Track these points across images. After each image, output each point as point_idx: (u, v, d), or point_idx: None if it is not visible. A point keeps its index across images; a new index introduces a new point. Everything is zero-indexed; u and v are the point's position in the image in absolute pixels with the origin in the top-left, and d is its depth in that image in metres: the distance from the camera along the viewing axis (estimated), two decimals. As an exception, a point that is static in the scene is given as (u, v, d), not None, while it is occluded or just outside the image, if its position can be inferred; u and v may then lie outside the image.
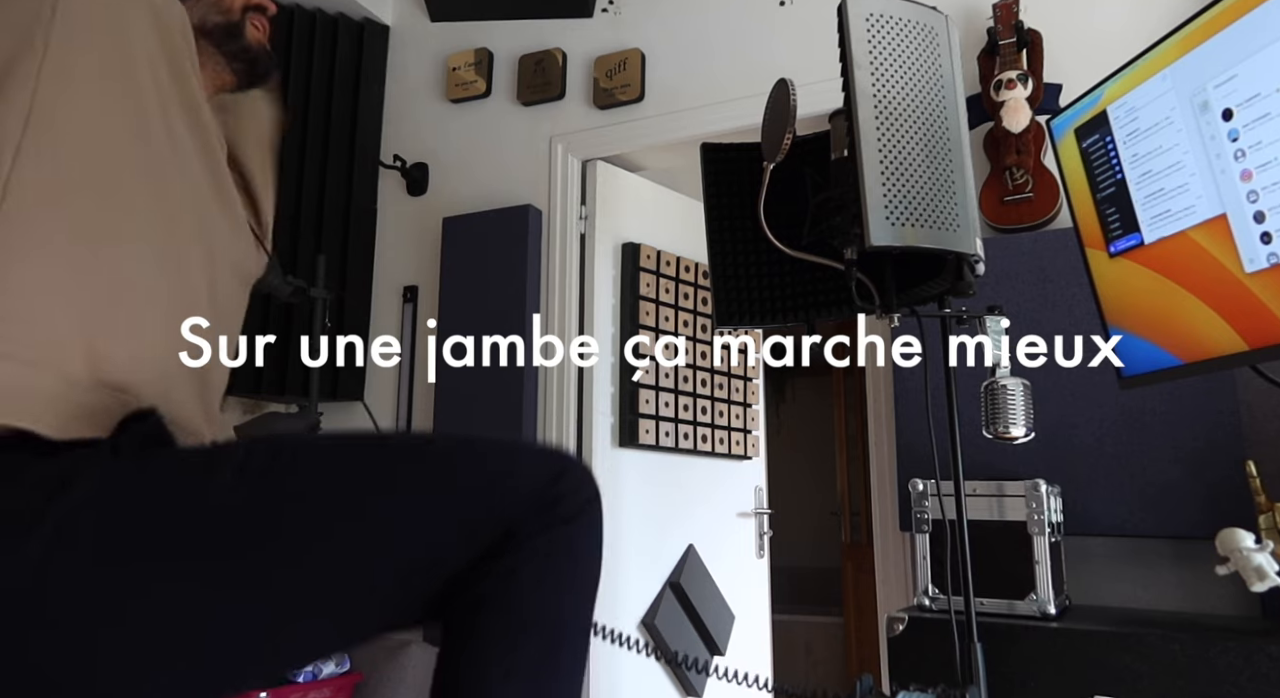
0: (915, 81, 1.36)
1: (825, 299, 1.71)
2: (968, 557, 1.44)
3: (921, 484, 1.77)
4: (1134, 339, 1.44)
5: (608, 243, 2.79)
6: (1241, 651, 1.38)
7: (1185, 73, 1.24)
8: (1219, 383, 1.79)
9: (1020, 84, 2.11)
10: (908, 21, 1.37)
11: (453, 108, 3.04)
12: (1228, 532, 1.33)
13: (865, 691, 1.40)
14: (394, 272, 3.00)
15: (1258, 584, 1.29)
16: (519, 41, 2.97)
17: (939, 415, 1.56)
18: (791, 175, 1.67)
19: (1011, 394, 1.46)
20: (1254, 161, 1.15)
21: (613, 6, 2.84)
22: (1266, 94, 1.12)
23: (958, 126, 1.39)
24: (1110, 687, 1.46)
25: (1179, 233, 1.29)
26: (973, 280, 1.42)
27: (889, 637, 1.64)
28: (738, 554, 3.03)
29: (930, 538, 1.72)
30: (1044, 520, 1.62)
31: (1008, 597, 1.63)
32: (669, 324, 2.88)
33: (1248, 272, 1.18)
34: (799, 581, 5.40)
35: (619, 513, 2.64)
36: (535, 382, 2.65)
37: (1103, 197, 1.45)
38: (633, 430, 2.69)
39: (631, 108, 2.74)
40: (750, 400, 3.16)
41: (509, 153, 2.91)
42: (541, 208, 2.78)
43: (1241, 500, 1.66)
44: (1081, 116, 1.47)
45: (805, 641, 4.87)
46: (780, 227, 1.62)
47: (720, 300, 1.74)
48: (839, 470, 5.15)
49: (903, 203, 1.30)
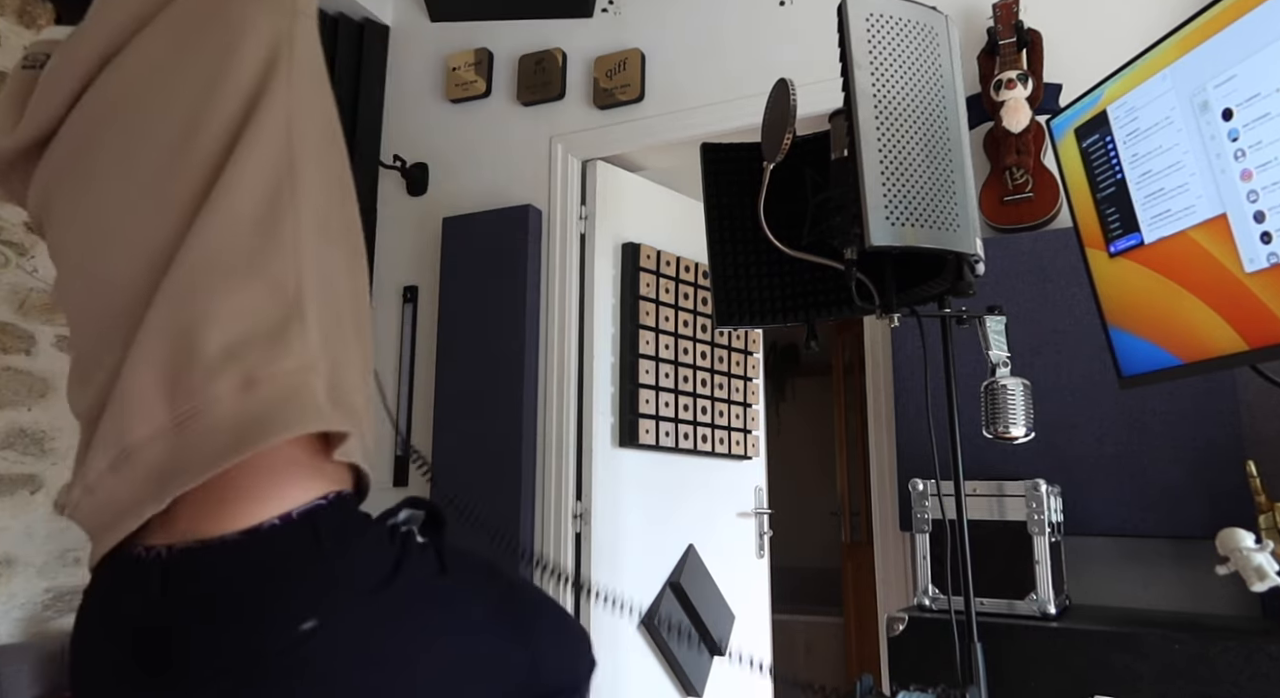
0: (915, 81, 1.36)
1: (825, 299, 1.71)
2: (968, 557, 1.44)
3: (921, 484, 1.77)
4: (1134, 339, 1.44)
5: (608, 243, 2.79)
6: (1241, 651, 1.38)
7: (1185, 73, 1.24)
8: (1219, 383, 1.79)
9: (1020, 84, 2.10)
10: (908, 21, 1.37)
11: (453, 108, 3.04)
12: (1228, 532, 1.33)
13: (865, 691, 1.40)
14: (394, 272, 3.00)
15: (1258, 584, 1.29)
16: (519, 41, 2.97)
17: (939, 415, 1.56)
18: (791, 175, 1.67)
19: (1011, 394, 1.46)
20: (1254, 161, 1.15)
21: (613, 6, 2.84)
22: (1266, 94, 1.12)
23: (958, 126, 1.39)
24: (1110, 687, 1.46)
25: (1179, 233, 1.29)
26: (973, 280, 1.42)
27: (889, 637, 1.64)
28: (738, 554, 3.03)
29: (930, 538, 1.72)
30: (1044, 521, 1.62)
31: (1008, 597, 1.63)
32: (669, 324, 2.88)
33: (1248, 271, 1.18)
34: (799, 581, 5.40)
35: (619, 513, 2.64)
36: (535, 382, 2.65)
37: (1103, 196, 1.45)
38: (633, 430, 2.69)
39: (631, 108, 2.74)
40: (750, 400, 3.16)
41: (509, 153, 2.91)
42: (541, 208, 2.78)
43: (1241, 500, 1.66)
44: (1081, 116, 1.47)
45: (805, 640, 4.87)
46: (780, 227, 1.62)
47: (720, 300, 1.74)
48: (839, 470, 5.14)
49: (903, 203, 1.30)
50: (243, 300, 0.86)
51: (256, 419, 0.82)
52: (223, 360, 0.83)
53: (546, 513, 2.58)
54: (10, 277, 2.43)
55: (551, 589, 2.46)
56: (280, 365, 0.85)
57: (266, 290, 0.87)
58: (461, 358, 2.70)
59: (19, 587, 2.34)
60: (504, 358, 2.64)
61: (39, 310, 2.48)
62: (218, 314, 0.85)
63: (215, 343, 0.84)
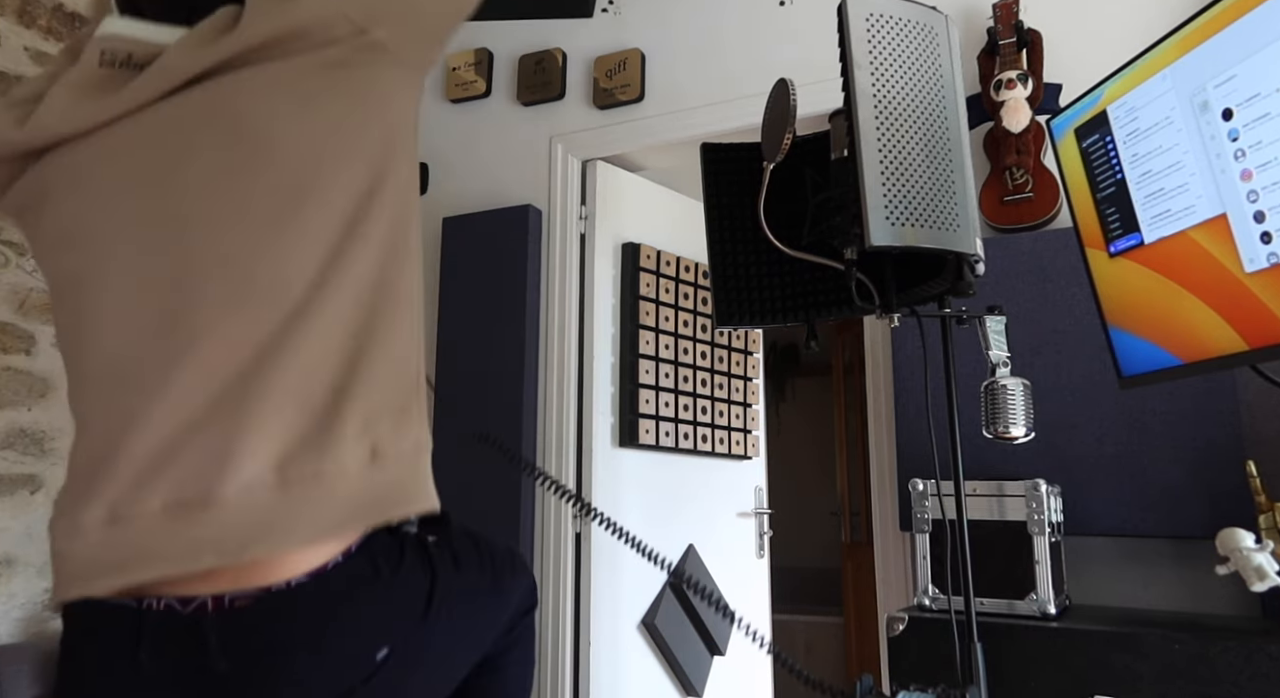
0: (915, 81, 1.36)
1: (825, 299, 1.71)
2: (968, 557, 1.44)
3: (921, 484, 1.77)
4: (1134, 339, 1.44)
5: (608, 243, 2.79)
6: (1241, 651, 1.38)
7: (1185, 73, 1.24)
8: (1219, 383, 1.79)
9: (1020, 84, 2.10)
10: (908, 21, 1.37)
11: (453, 108, 3.04)
12: (1228, 532, 1.33)
13: (865, 691, 1.39)
14: (394, 272, 2.99)
15: (1258, 584, 1.29)
16: (519, 41, 2.97)
17: (939, 415, 1.56)
18: (791, 175, 1.67)
19: (1011, 394, 1.46)
20: (1254, 161, 1.15)
21: (613, 6, 2.84)
22: (1266, 94, 1.12)
23: (958, 126, 1.39)
24: (1110, 687, 1.46)
25: (1179, 233, 1.29)
26: (973, 280, 1.42)
27: (889, 637, 1.64)
28: (738, 554, 3.03)
29: (930, 538, 1.72)
30: (1044, 520, 1.62)
31: (1008, 597, 1.63)
32: (669, 324, 2.88)
33: (1248, 271, 1.18)
34: (799, 581, 5.40)
35: (619, 513, 2.64)
36: (535, 381, 2.65)
37: (1103, 196, 1.45)
38: (633, 430, 2.69)
39: (631, 108, 2.74)
40: (750, 400, 3.16)
41: (509, 153, 2.91)
42: (541, 208, 2.78)
43: (1241, 500, 1.66)
44: (1081, 116, 1.47)
45: (805, 640, 4.87)
46: (780, 227, 1.62)
47: (720, 300, 1.74)
48: (839, 470, 5.14)
49: (903, 203, 1.30)
50: (378, 374, 0.86)
51: (377, 498, 0.84)
52: (358, 433, 0.84)
53: (547, 513, 2.58)
54: (10, 277, 2.43)
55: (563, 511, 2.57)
56: (403, 444, 0.87)
57: (395, 367, 0.89)
58: (461, 358, 2.70)
59: (19, 587, 2.34)
60: (504, 358, 2.64)
61: (39, 310, 2.48)
62: (357, 384, 0.85)
63: (357, 414, 0.84)
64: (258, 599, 0.80)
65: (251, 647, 0.81)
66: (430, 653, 0.91)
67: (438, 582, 0.92)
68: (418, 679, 0.91)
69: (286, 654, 0.81)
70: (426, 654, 0.91)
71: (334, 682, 0.83)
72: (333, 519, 0.81)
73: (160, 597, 0.81)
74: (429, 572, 0.92)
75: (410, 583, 0.90)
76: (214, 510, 0.79)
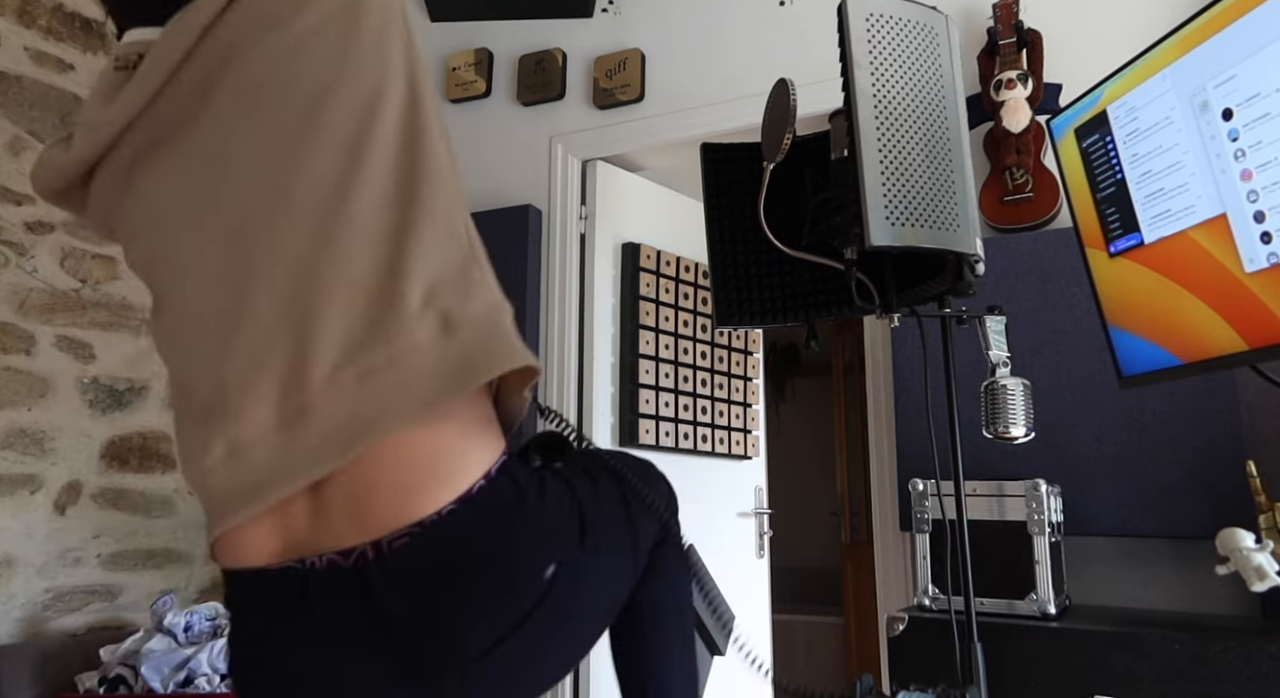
0: (915, 81, 1.36)
1: (825, 299, 1.71)
2: (968, 557, 1.44)
3: (921, 484, 1.77)
4: (1134, 339, 1.44)
5: (608, 243, 2.79)
6: (1241, 651, 1.38)
7: (1185, 73, 1.24)
8: (1219, 383, 1.79)
9: (1020, 84, 2.10)
10: (908, 21, 1.37)
11: (452, 108, 3.04)
12: (1228, 532, 1.33)
13: (865, 691, 1.40)
14: (394, 272, 3.00)
15: (1258, 584, 1.28)
16: (519, 41, 2.97)
17: (939, 415, 1.56)
18: (791, 175, 1.67)
19: (1011, 394, 1.46)
20: (1254, 161, 1.15)
21: (613, 6, 2.84)
22: (1266, 94, 1.12)
23: (958, 126, 1.39)
24: (1110, 687, 1.46)
25: (1179, 233, 1.29)
26: (973, 280, 1.42)
27: (889, 637, 1.64)
28: (738, 554, 3.03)
29: (930, 538, 1.72)
30: (1044, 521, 1.62)
31: (1008, 597, 1.63)
32: (669, 324, 2.88)
33: (1248, 271, 1.18)
34: (799, 581, 5.40)
35: (619, 513, 2.64)
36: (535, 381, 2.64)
37: (1103, 196, 1.45)
38: (633, 430, 2.69)
39: (631, 108, 2.74)
40: (750, 400, 3.16)
41: (509, 153, 2.91)
42: (541, 208, 2.78)
43: (1241, 500, 1.66)
44: (1081, 116, 1.47)
45: (805, 640, 4.87)
46: (780, 227, 1.62)
47: (720, 300, 1.74)
48: (839, 470, 5.14)
49: (903, 203, 1.30)
50: (428, 247, 0.86)
51: (462, 365, 0.82)
52: (422, 306, 0.83)
53: (546, 513, 2.58)
54: (10, 277, 2.43)
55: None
56: (473, 307, 0.87)
57: (447, 234, 0.88)
58: (461, 358, 2.70)
59: (19, 587, 2.34)
60: (504, 358, 2.63)
61: (39, 310, 2.48)
62: (413, 259, 0.84)
63: (416, 288, 0.83)
64: (413, 536, 0.80)
65: (420, 585, 0.81)
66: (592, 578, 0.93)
67: (582, 505, 0.95)
68: (588, 600, 0.92)
69: (456, 584, 0.81)
70: (590, 567, 0.92)
71: (510, 606, 0.83)
72: (423, 394, 0.80)
73: (321, 554, 0.82)
74: (570, 494, 0.95)
75: (561, 504, 0.92)
76: (311, 417, 0.80)
